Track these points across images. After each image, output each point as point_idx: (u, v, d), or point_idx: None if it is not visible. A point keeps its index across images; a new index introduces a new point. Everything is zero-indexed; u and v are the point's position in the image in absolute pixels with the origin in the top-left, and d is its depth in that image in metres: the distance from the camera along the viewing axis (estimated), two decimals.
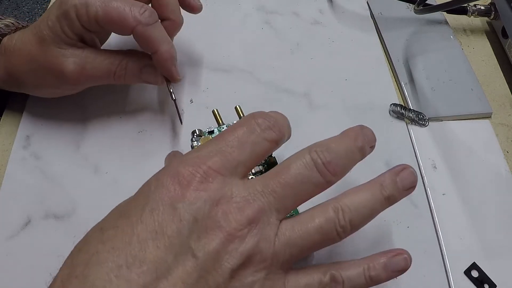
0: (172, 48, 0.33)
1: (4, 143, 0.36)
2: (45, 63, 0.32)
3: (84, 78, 0.33)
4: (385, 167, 0.35)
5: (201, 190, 0.21)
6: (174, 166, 0.22)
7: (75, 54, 0.32)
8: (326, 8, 0.46)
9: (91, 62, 0.33)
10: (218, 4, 0.45)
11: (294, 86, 0.40)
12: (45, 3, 0.47)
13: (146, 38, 0.31)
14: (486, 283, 0.30)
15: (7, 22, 0.36)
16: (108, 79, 0.34)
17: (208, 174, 0.22)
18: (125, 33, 0.32)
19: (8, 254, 0.31)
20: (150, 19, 0.31)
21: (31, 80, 0.34)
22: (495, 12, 0.43)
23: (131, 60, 0.34)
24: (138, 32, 0.31)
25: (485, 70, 0.41)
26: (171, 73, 0.33)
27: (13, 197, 0.33)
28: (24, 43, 0.33)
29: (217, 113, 0.34)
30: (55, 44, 0.32)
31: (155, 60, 0.33)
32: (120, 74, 0.33)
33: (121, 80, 0.34)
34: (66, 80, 0.33)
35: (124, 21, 0.30)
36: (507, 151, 0.36)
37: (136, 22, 0.30)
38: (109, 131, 0.36)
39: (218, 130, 0.33)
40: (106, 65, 0.33)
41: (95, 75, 0.33)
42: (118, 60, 0.33)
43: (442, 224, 0.32)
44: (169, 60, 0.33)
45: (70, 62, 0.32)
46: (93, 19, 0.31)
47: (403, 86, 0.39)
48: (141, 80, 0.34)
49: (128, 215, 0.22)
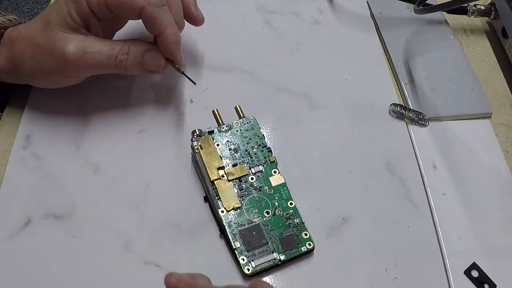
0: (177, 32, 0.33)
1: (4, 143, 0.36)
2: (47, 46, 0.32)
3: (85, 64, 0.33)
4: (385, 167, 0.35)
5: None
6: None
7: (78, 39, 0.32)
8: (326, 8, 0.46)
9: (93, 46, 0.33)
10: (218, 4, 0.45)
11: (294, 86, 0.40)
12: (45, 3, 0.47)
13: (153, 19, 0.31)
14: (486, 283, 0.30)
15: (10, 17, 0.36)
16: (109, 65, 0.33)
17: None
18: (134, 14, 0.32)
19: (8, 254, 0.31)
20: (159, 0, 0.31)
21: (32, 65, 0.34)
22: (495, 12, 0.43)
23: (133, 45, 0.34)
24: (146, 12, 0.31)
25: (485, 70, 0.41)
26: (175, 56, 0.34)
27: (13, 197, 0.33)
28: (30, 29, 0.33)
29: (217, 113, 0.34)
30: (59, 27, 0.32)
31: (160, 42, 0.33)
32: (121, 59, 0.33)
33: (122, 67, 0.34)
34: (67, 64, 0.33)
35: (133, 2, 0.31)
36: (507, 151, 0.36)
37: (145, 3, 0.31)
38: (109, 131, 0.36)
39: (218, 130, 0.33)
40: (107, 50, 0.33)
41: (97, 60, 0.33)
42: (120, 45, 0.33)
43: (442, 224, 0.32)
44: (174, 43, 0.33)
45: (72, 45, 0.32)
46: (103, 2, 0.31)
47: (403, 86, 0.39)
48: (143, 68, 0.34)
49: None
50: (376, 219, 0.33)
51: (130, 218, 0.32)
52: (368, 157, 0.36)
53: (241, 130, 0.33)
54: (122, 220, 0.32)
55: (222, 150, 0.32)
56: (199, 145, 0.32)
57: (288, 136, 0.37)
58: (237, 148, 0.32)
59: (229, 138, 0.33)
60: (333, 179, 0.34)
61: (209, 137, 0.32)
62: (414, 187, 0.34)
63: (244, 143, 0.33)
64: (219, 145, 0.32)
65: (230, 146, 0.32)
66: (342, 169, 0.35)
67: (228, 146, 0.32)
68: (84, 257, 0.31)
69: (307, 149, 0.36)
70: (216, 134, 0.33)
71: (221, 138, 0.33)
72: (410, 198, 0.33)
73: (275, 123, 0.37)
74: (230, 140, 0.33)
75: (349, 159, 0.35)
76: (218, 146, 0.32)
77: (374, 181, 0.34)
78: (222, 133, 0.33)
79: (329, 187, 0.34)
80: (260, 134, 0.33)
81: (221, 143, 0.32)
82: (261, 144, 0.33)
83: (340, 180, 0.34)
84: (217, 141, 0.32)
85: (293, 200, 0.31)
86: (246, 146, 0.33)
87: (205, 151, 0.32)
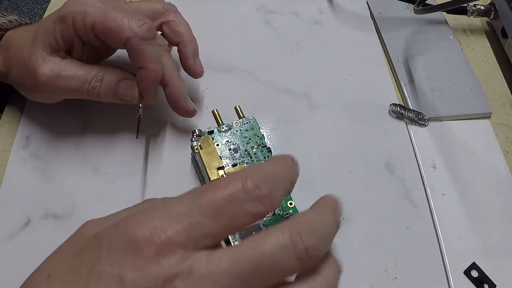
0: (161, 70, 0.31)
1: (4, 143, 0.36)
2: (28, 61, 0.32)
3: (57, 87, 0.32)
4: (385, 167, 0.35)
5: (154, 264, 0.18)
6: (132, 225, 0.19)
7: (54, 61, 0.32)
8: (326, 8, 0.46)
9: (68, 70, 0.32)
10: (218, 4, 0.45)
11: (294, 86, 0.40)
12: (45, 3, 0.47)
13: (138, 52, 0.30)
14: (486, 283, 0.30)
15: (11, 18, 0.36)
16: (82, 91, 0.32)
17: (166, 246, 0.18)
18: (119, 44, 0.30)
19: (8, 254, 0.31)
20: (147, 33, 0.30)
21: (15, 74, 0.33)
22: (495, 12, 0.43)
23: (108, 73, 0.32)
24: (131, 44, 0.30)
25: (485, 70, 0.41)
26: (147, 94, 0.32)
27: (13, 197, 0.33)
28: (22, 38, 0.33)
29: (217, 113, 0.34)
30: (42, 45, 0.31)
31: (140, 76, 0.32)
32: (94, 85, 0.32)
33: (95, 93, 0.32)
34: (39, 84, 0.32)
35: (119, 31, 0.30)
36: (507, 151, 0.36)
37: (131, 34, 0.29)
38: (109, 131, 0.36)
39: (218, 130, 0.33)
40: (81, 75, 0.32)
41: (69, 85, 0.32)
42: (95, 71, 0.32)
43: (442, 224, 0.32)
44: (152, 81, 0.32)
45: (47, 67, 0.31)
46: (89, 27, 0.30)
47: (403, 86, 0.39)
48: (116, 97, 0.33)
49: (76, 271, 0.19)
50: (376, 219, 0.33)
51: None
52: (368, 157, 0.36)
53: (241, 130, 0.33)
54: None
55: (222, 150, 0.32)
56: (199, 145, 0.32)
57: (288, 136, 0.37)
58: (237, 148, 0.32)
59: (229, 138, 0.33)
60: (333, 179, 0.34)
61: (209, 137, 0.32)
62: (414, 187, 0.34)
63: (244, 143, 0.33)
64: (219, 145, 0.32)
65: (230, 146, 0.32)
66: (342, 169, 0.35)
67: (228, 146, 0.32)
68: None
69: (307, 149, 0.36)
70: (216, 134, 0.33)
71: (221, 138, 0.33)
72: (410, 198, 0.33)
73: (275, 123, 0.37)
74: (230, 140, 0.33)
75: (349, 159, 0.35)
76: (218, 146, 0.32)
77: (374, 181, 0.34)
78: (222, 133, 0.33)
79: (329, 187, 0.34)
80: (260, 134, 0.33)
81: (221, 143, 0.32)
82: (261, 144, 0.33)
83: (340, 180, 0.34)
84: (217, 141, 0.32)
85: (293, 200, 0.31)
86: (246, 146, 0.33)
87: (205, 151, 0.32)
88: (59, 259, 0.21)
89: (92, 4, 0.30)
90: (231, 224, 0.19)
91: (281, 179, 0.20)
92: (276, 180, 0.20)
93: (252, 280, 0.18)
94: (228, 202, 0.19)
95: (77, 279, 0.19)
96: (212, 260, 0.18)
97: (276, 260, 0.18)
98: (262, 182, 0.19)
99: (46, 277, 0.20)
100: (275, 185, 0.20)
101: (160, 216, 0.19)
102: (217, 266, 0.18)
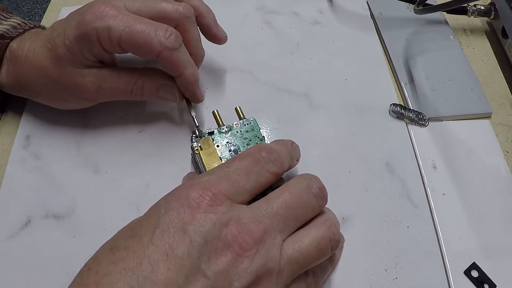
0: (195, 70, 0.33)
1: (4, 143, 0.36)
2: (61, 80, 0.32)
3: (102, 96, 0.33)
4: (385, 167, 0.35)
5: (210, 213, 0.22)
6: (184, 189, 0.23)
7: (93, 73, 0.32)
8: (326, 8, 0.46)
9: (108, 81, 0.32)
10: (218, 4, 0.45)
11: (294, 86, 0.40)
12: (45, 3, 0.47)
13: (171, 63, 0.31)
14: (486, 283, 0.30)
15: (13, 22, 0.35)
16: (125, 96, 0.34)
17: (217, 197, 0.23)
18: (150, 57, 0.31)
19: (8, 254, 0.31)
20: (175, 43, 0.30)
21: (44, 93, 0.34)
22: (495, 12, 0.43)
23: (148, 79, 0.33)
24: (164, 56, 0.30)
25: (485, 70, 0.41)
26: (194, 95, 0.34)
27: (13, 197, 0.33)
28: (38, 57, 0.32)
29: (217, 114, 0.34)
30: (73, 64, 0.31)
31: (180, 83, 0.33)
32: (137, 93, 0.33)
33: (138, 98, 0.34)
34: (84, 97, 0.33)
35: (149, 46, 0.29)
36: (507, 151, 0.36)
37: (162, 47, 0.30)
38: (109, 131, 0.36)
39: (218, 131, 0.33)
40: (123, 84, 0.33)
41: (112, 93, 0.33)
42: (135, 79, 0.33)
43: (442, 224, 0.32)
44: (193, 83, 0.33)
45: (88, 82, 0.32)
46: (116, 43, 0.30)
47: (403, 86, 0.39)
48: (159, 98, 0.34)
49: (139, 236, 0.22)
50: (376, 219, 0.33)
51: (130, 218, 0.32)
52: (368, 157, 0.36)
53: (241, 131, 0.33)
54: (122, 220, 0.32)
55: (222, 151, 0.32)
56: (199, 146, 0.32)
57: (288, 136, 0.36)
58: (237, 149, 0.32)
59: (229, 139, 0.33)
60: (333, 179, 0.34)
61: (209, 138, 0.32)
62: (414, 187, 0.34)
63: (244, 145, 0.33)
64: (219, 146, 0.32)
65: (230, 147, 0.32)
66: (342, 169, 0.35)
67: (228, 147, 0.32)
68: (84, 257, 0.31)
69: (307, 149, 0.36)
70: (216, 135, 0.33)
71: (221, 139, 0.33)
72: (410, 198, 0.33)
73: (275, 123, 0.37)
74: (230, 141, 0.33)
75: (349, 159, 0.35)
76: (218, 147, 0.32)
77: (374, 181, 0.34)
78: (222, 134, 0.33)
79: (329, 187, 0.34)
80: (260, 136, 0.33)
81: (221, 144, 0.32)
82: None
83: (340, 180, 0.34)
84: (217, 142, 0.32)
85: None
86: (246, 148, 0.33)
87: (205, 152, 0.32)
88: (119, 235, 0.24)
89: (113, 16, 0.29)
90: (259, 181, 0.25)
91: (283, 152, 0.27)
92: (279, 152, 0.27)
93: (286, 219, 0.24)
94: (253, 164, 0.25)
95: (141, 240, 0.22)
96: (253, 208, 0.24)
97: (301, 201, 0.25)
98: (271, 151, 0.26)
99: (109, 250, 0.22)
100: (281, 154, 0.27)
101: (206, 179, 0.24)
102: (258, 211, 0.24)
